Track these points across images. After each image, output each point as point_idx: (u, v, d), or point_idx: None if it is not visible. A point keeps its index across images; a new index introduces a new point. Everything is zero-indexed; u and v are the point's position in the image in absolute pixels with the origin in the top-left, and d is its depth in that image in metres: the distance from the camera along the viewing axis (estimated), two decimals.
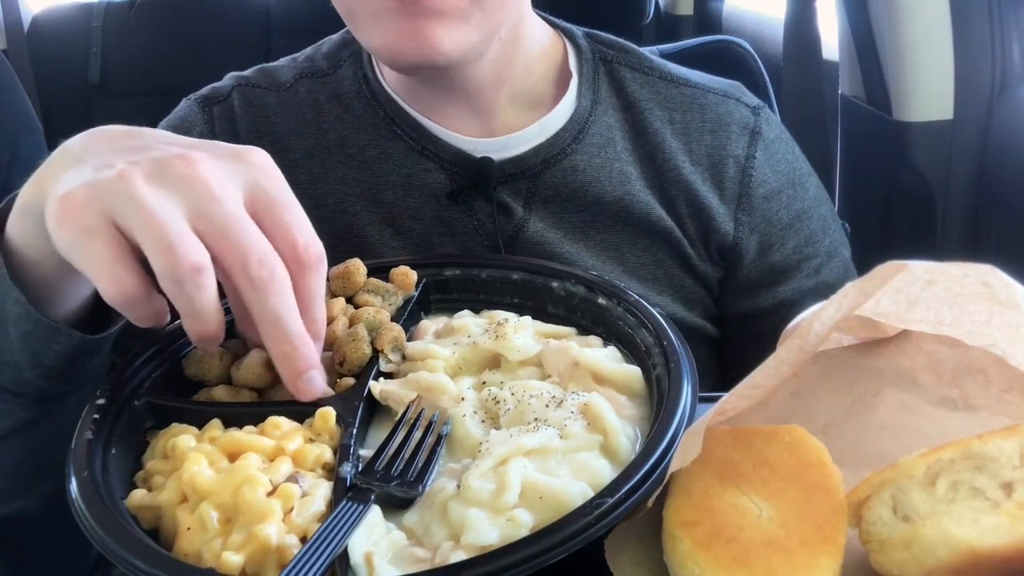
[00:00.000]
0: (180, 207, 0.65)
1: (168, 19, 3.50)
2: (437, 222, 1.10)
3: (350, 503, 0.64)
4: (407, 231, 1.10)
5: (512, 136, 1.10)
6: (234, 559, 0.60)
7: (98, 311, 0.81)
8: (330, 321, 0.82)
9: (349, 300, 0.87)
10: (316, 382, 0.71)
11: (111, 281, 0.66)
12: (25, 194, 0.73)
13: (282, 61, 1.21)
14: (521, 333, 0.81)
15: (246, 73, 1.19)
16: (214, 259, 0.66)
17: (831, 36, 2.09)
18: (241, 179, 0.69)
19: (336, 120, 1.13)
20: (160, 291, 0.68)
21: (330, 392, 0.75)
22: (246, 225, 0.67)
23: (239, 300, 0.69)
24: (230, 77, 1.19)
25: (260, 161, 0.71)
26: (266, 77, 1.18)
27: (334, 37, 1.20)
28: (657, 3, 3.58)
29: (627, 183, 1.11)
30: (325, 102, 1.14)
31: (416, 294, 0.89)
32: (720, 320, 1.19)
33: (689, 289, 1.14)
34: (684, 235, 1.12)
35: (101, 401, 0.74)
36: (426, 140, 1.10)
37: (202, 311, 0.67)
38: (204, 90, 1.18)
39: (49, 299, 0.76)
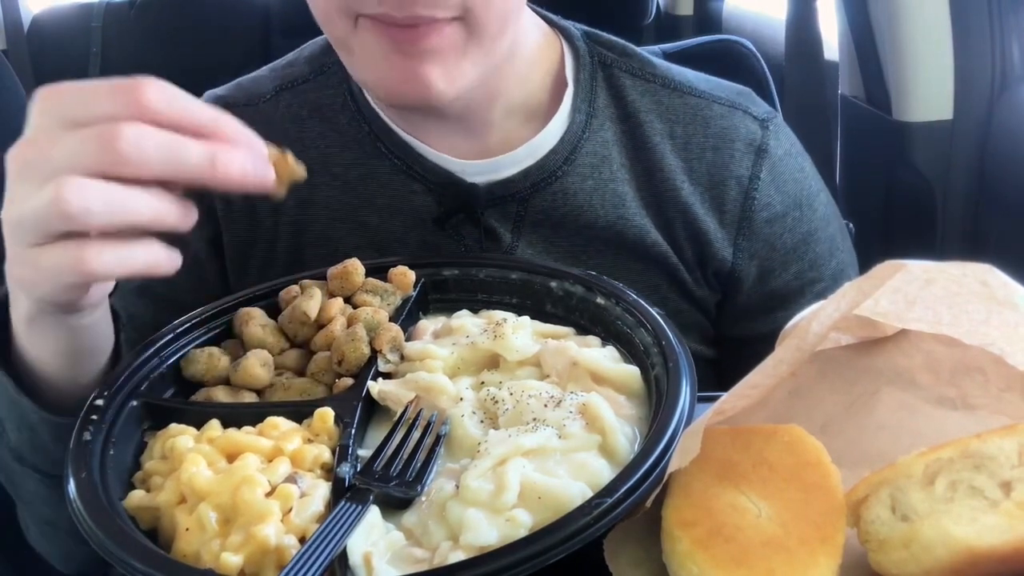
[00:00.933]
0: (39, 180, 0.66)
1: (168, 19, 3.49)
2: (424, 247, 1.06)
3: (349, 503, 0.64)
4: (393, 256, 1.04)
5: (502, 158, 1.05)
6: (233, 560, 0.60)
7: None
8: (328, 321, 0.82)
9: (347, 300, 0.87)
10: (247, 170, 0.70)
11: (81, 267, 0.67)
12: (17, 310, 0.78)
13: (262, 70, 1.16)
14: (519, 333, 0.81)
15: (221, 92, 1.15)
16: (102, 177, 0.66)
17: (831, 36, 2.09)
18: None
19: (319, 136, 1.08)
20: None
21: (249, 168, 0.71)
22: (74, 130, 0.68)
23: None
24: (207, 97, 1.14)
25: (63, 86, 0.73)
26: (243, 93, 1.13)
27: (318, 40, 1.14)
28: (657, 3, 3.58)
29: (621, 206, 1.06)
30: (308, 116, 1.09)
31: (414, 294, 0.89)
32: (717, 341, 1.15)
33: (685, 314, 1.10)
34: (680, 260, 1.08)
35: (99, 402, 0.74)
36: (412, 160, 1.05)
37: (135, 210, 0.67)
38: None
39: (71, 391, 0.82)
